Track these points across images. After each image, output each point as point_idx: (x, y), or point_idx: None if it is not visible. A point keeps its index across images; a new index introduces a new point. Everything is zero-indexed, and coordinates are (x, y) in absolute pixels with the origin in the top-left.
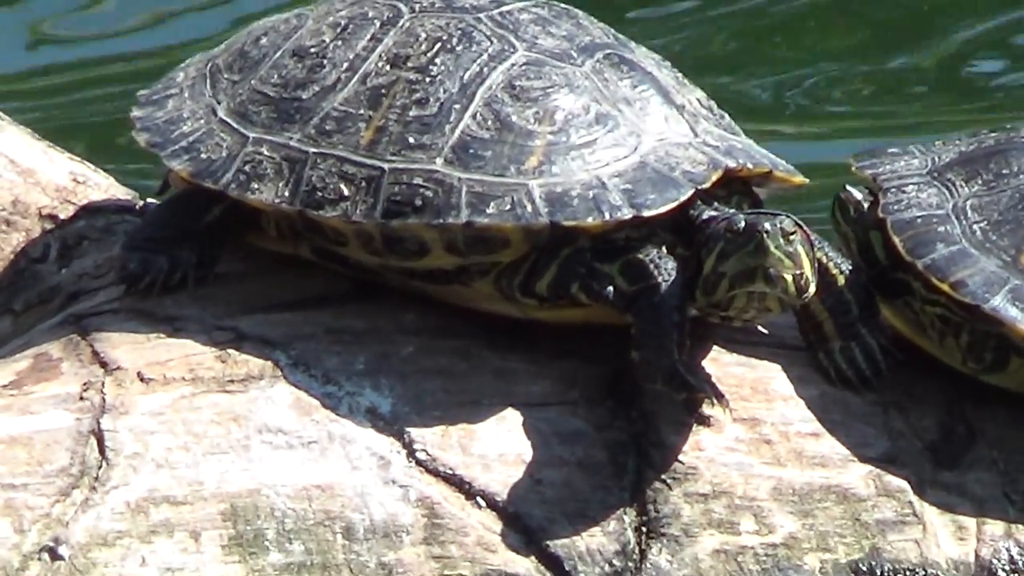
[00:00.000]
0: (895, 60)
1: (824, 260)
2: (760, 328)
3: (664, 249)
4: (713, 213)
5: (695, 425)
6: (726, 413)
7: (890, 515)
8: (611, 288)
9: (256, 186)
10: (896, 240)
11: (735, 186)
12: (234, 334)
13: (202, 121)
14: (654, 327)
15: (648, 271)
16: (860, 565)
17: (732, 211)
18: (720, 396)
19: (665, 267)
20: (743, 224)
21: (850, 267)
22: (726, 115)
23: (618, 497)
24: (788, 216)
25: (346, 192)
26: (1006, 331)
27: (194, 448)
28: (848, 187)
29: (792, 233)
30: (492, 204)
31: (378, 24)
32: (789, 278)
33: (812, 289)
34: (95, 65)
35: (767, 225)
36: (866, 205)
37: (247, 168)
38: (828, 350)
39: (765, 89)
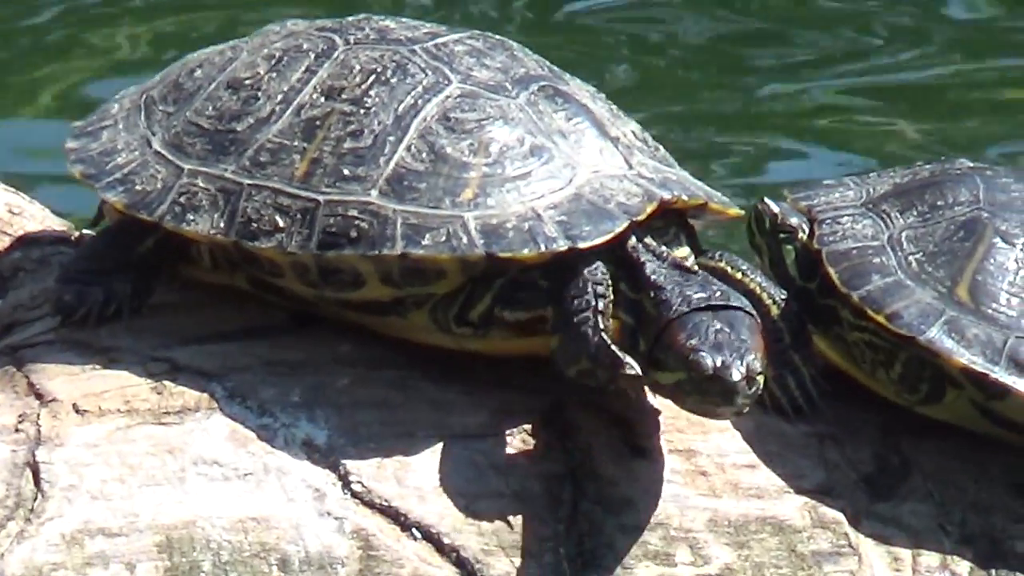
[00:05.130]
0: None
1: (757, 290)
2: None
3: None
4: (658, 275)
5: (631, 457)
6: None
7: (826, 546)
8: (536, 291)
9: (191, 217)
10: (831, 271)
11: (671, 217)
12: (169, 365)
13: (137, 152)
14: (579, 304)
15: (569, 266)
16: None
17: (681, 291)
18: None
19: (590, 270)
20: (710, 371)
21: (783, 296)
22: (661, 147)
23: (553, 529)
24: (739, 312)
25: (281, 223)
26: (942, 362)
27: (129, 480)
28: (766, 199)
29: (759, 373)
30: (427, 235)
31: (312, 56)
32: (747, 410)
33: None
34: None
35: (737, 379)
36: (780, 218)
37: (182, 199)
38: None
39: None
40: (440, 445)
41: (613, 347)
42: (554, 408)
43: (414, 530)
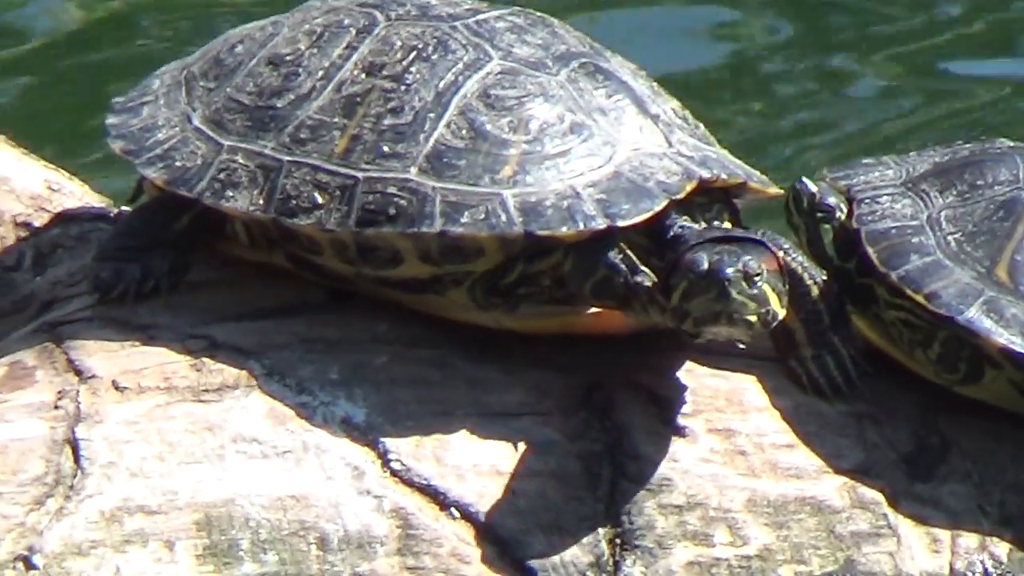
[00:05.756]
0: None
1: (798, 270)
2: None
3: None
4: (683, 229)
5: (669, 436)
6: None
7: (864, 527)
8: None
9: (230, 194)
10: (870, 251)
11: (714, 194)
12: (208, 342)
13: (177, 129)
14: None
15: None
16: None
17: (700, 233)
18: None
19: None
20: (705, 267)
21: (823, 277)
22: (700, 125)
23: (592, 508)
24: (757, 244)
25: (320, 200)
26: (980, 343)
27: (168, 457)
28: (804, 179)
29: (757, 274)
30: (466, 213)
31: (353, 32)
32: (754, 319)
33: (780, 318)
34: None
35: (729, 271)
36: (818, 198)
37: (222, 176)
38: (800, 358)
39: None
40: (478, 424)
41: (629, 252)
42: (592, 386)
43: (453, 509)
